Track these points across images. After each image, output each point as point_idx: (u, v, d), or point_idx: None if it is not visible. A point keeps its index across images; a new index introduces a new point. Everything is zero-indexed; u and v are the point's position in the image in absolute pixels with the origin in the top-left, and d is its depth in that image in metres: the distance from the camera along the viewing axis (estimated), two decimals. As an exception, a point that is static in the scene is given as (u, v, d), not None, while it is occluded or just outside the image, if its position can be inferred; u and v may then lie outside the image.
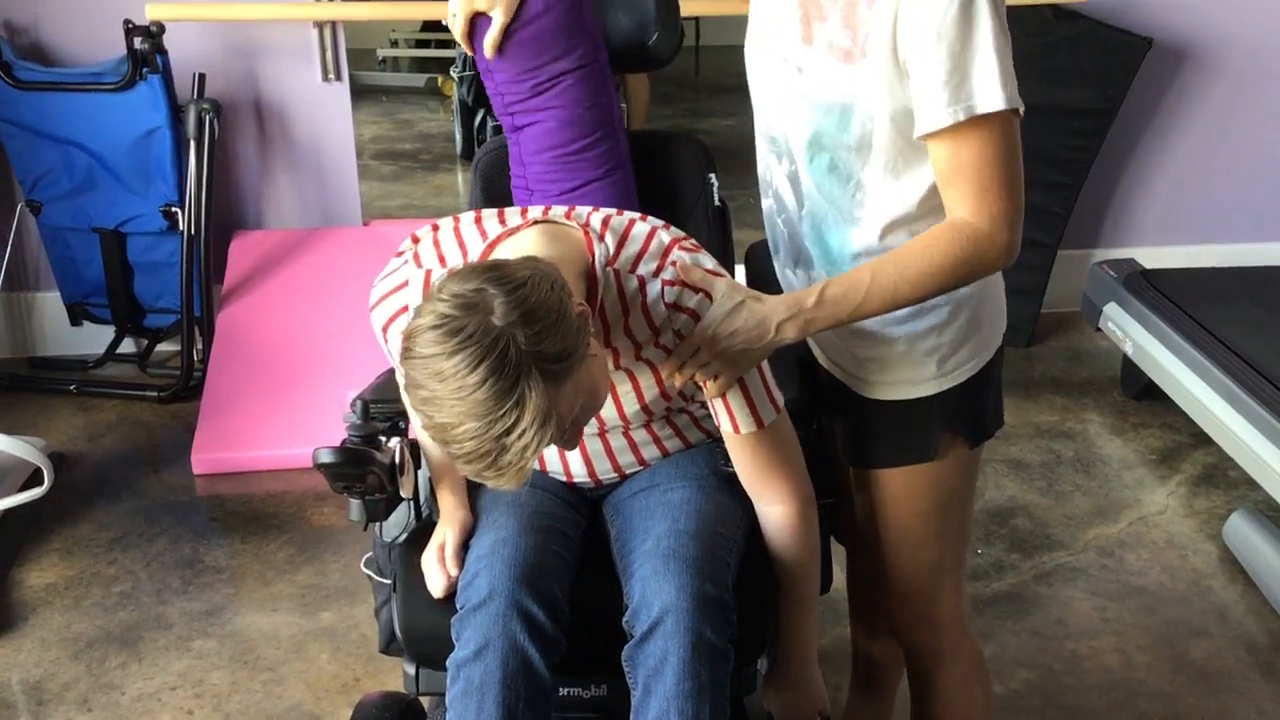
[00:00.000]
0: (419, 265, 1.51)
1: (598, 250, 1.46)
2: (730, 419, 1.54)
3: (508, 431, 1.23)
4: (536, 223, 1.48)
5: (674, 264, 1.48)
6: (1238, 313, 3.22)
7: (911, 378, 1.62)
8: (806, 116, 1.51)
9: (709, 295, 1.46)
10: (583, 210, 1.55)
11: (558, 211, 1.53)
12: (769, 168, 1.64)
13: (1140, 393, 3.47)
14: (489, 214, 1.54)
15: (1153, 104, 3.86)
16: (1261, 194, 4.01)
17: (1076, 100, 3.64)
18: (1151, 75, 3.76)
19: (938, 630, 1.80)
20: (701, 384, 1.51)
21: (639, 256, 1.48)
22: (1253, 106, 3.89)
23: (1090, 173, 3.76)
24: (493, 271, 1.28)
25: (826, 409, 1.77)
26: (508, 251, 1.44)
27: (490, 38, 1.84)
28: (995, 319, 1.66)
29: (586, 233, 1.48)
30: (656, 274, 1.47)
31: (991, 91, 1.37)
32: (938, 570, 1.76)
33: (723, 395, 1.51)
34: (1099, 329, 3.54)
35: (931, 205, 1.49)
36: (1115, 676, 2.42)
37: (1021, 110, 1.40)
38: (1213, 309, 3.23)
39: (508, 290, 1.24)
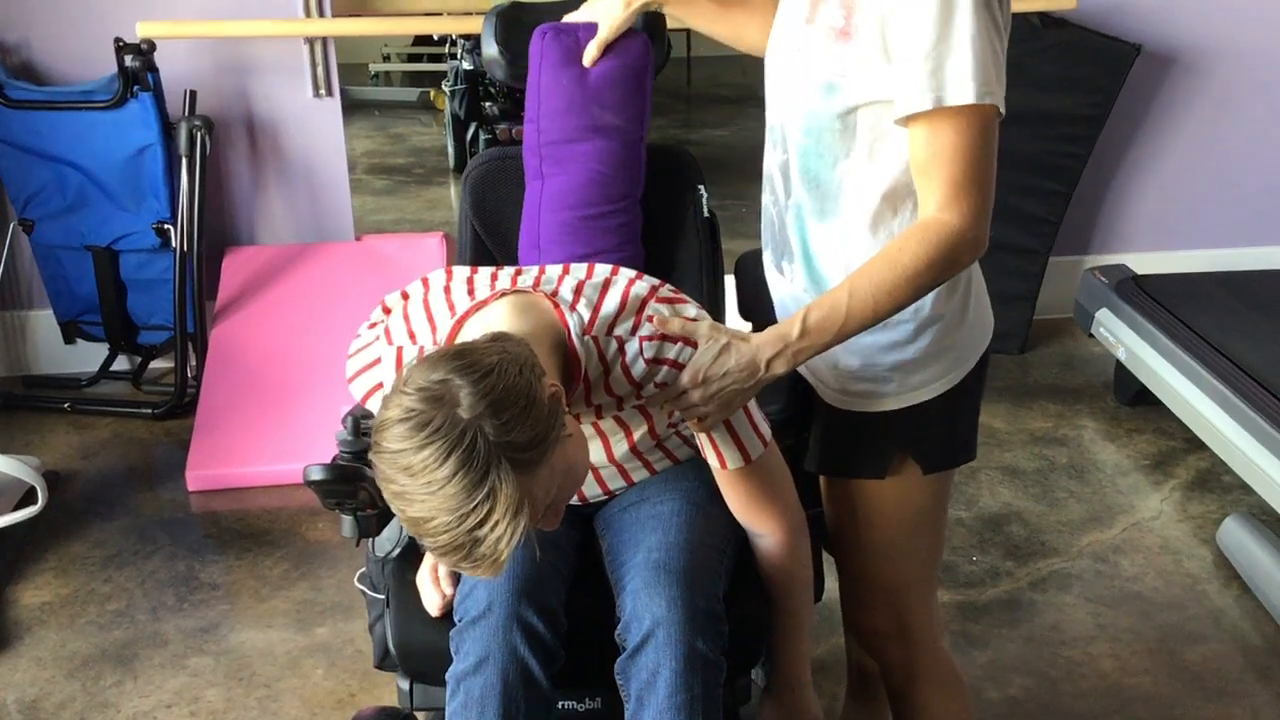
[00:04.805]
0: (390, 341, 1.51)
1: (571, 321, 1.44)
2: (717, 455, 1.54)
3: (480, 524, 1.20)
4: (505, 294, 1.46)
5: (650, 318, 1.46)
6: (1230, 317, 3.23)
7: (870, 391, 1.62)
8: (799, 97, 1.54)
9: (690, 343, 1.46)
10: (552, 274, 1.52)
11: (526, 280, 1.51)
12: (768, 158, 1.67)
13: (1133, 398, 3.47)
14: (459, 280, 1.52)
15: (1142, 110, 3.88)
16: (1252, 198, 4.02)
17: (1066, 107, 3.65)
18: (1141, 81, 3.77)
19: (907, 647, 1.80)
20: (686, 420, 1.51)
21: (615, 318, 1.46)
22: (1242, 111, 3.90)
23: (1081, 179, 3.77)
24: (459, 360, 1.24)
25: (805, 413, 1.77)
26: (477, 327, 1.41)
27: (596, 43, 1.85)
28: (972, 342, 1.65)
29: (556, 304, 1.45)
30: (634, 331, 1.46)
31: (963, 84, 1.38)
32: (900, 586, 1.76)
33: (708, 432, 1.52)
34: (1091, 335, 3.55)
35: (900, 197, 1.51)
36: (1111, 682, 2.42)
37: (1001, 108, 1.42)
38: (1205, 314, 3.24)
39: (474, 380, 1.22)
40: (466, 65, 5.46)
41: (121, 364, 3.69)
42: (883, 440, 1.65)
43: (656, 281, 1.53)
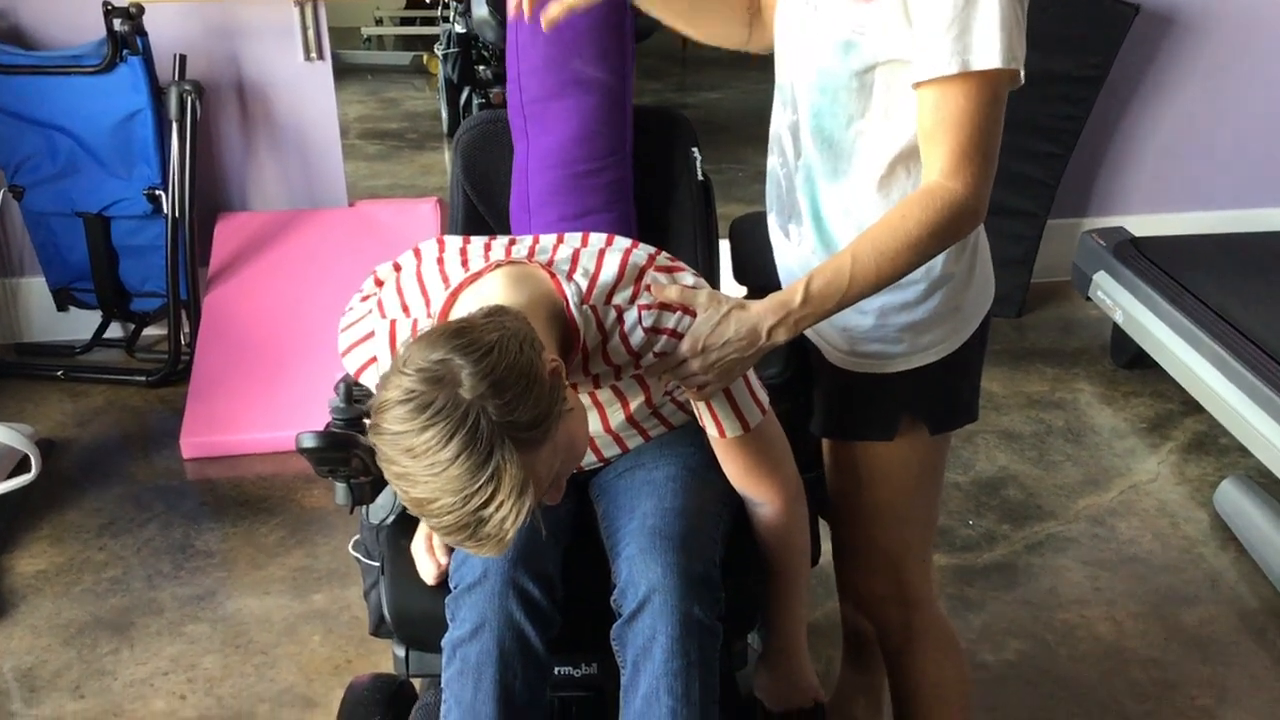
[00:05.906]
0: (383, 315, 1.48)
1: (569, 290, 1.41)
2: (715, 424, 1.53)
3: (485, 504, 1.19)
4: (499, 265, 1.43)
5: (648, 287, 1.45)
6: (1227, 279, 3.21)
7: (880, 353, 1.62)
8: (815, 55, 1.52)
9: (689, 312, 1.44)
10: (547, 244, 1.50)
11: (520, 250, 1.48)
12: (776, 119, 1.65)
13: (1130, 361, 3.47)
14: (452, 251, 1.49)
15: (1140, 71, 3.85)
16: (1250, 160, 4.00)
17: (1064, 69, 3.62)
18: (1139, 42, 3.74)
19: (905, 608, 1.81)
20: (685, 389, 1.50)
21: (613, 286, 1.44)
22: (1240, 72, 3.87)
23: (1079, 141, 3.74)
24: (459, 338, 1.22)
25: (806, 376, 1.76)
26: (472, 299, 1.39)
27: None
28: (977, 302, 1.65)
29: (552, 274, 1.43)
30: (632, 300, 1.44)
31: (989, 48, 1.36)
32: (901, 549, 1.77)
33: (707, 401, 1.50)
34: (1089, 298, 3.54)
35: (914, 158, 1.49)
36: (1107, 645, 2.43)
37: (1021, 75, 1.40)
38: (1202, 276, 3.23)
39: (475, 359, 1.19)
40: (459, 28, 5.42)
41: (115, 331, 3.68)
42: (891, 402, 1.65)
43: (654, 249, 1.51)
